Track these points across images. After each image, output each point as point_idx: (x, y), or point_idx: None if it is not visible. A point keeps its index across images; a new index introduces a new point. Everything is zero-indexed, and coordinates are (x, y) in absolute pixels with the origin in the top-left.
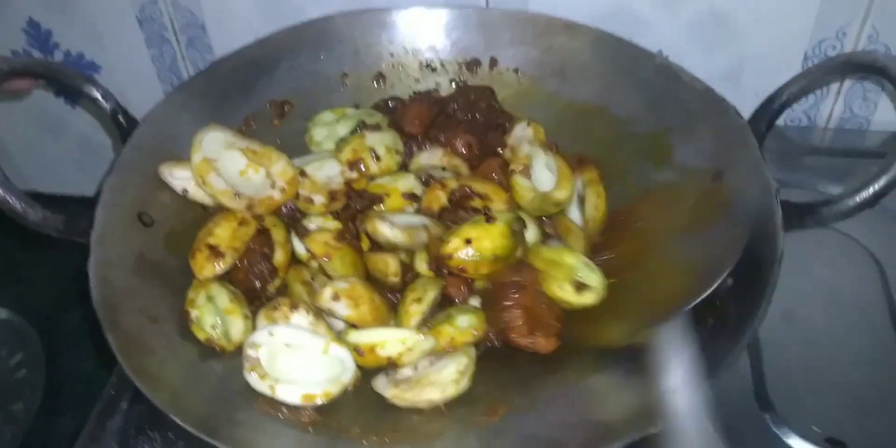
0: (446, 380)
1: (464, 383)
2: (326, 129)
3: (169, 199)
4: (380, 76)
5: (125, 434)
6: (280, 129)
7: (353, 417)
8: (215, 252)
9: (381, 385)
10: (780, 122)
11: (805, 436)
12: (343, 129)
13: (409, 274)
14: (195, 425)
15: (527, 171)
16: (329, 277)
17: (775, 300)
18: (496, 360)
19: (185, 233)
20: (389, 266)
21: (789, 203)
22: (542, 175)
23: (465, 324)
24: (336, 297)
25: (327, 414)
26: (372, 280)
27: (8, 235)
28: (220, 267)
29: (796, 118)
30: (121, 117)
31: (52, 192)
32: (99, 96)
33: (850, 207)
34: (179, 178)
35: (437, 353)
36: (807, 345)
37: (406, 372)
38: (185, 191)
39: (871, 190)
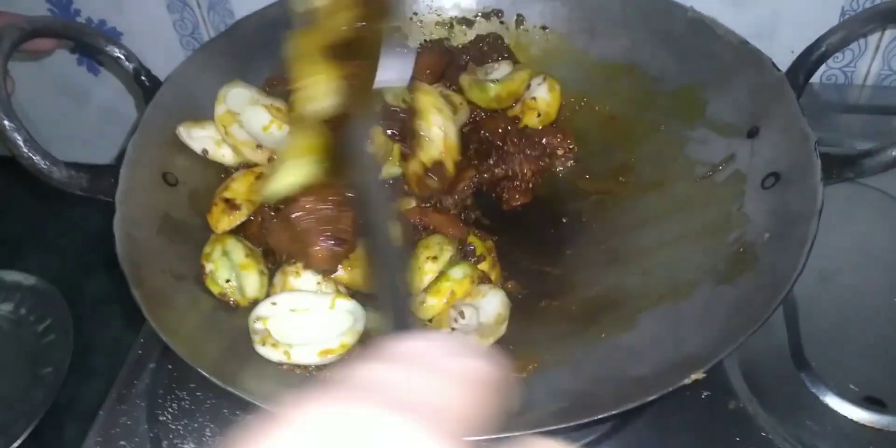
0: (491, 323)
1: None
2: None
3: (193, 159)
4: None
5: (153, 393)
6: None
7: None
8: (231, 205)
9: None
10: (816, 79)
11: (842, 394)
12: None
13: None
14: (213, 373)
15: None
16: None
17: (812, 258)
18: (525, 317)
19: (208, 192)
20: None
21: (829, 155)
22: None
23: (459, 275)
24: None
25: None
26: None
27: (32, 203)
28: (234, 219)
29: (833, 76)
30: (143, 77)
31: (75, 160)
32: (122, 56)
33: (893, 158)
34: (198, 137)
35: (464, 303)
36: (843, 303)
37: (469, 318)
38: (205, 151)
39: None
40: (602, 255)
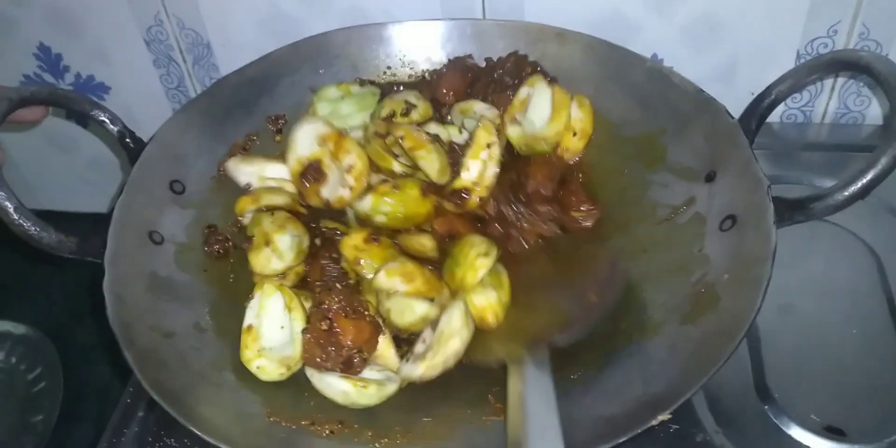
0: (457, 326)
1: (471, 325)
2: (330, 106)
3: (178, 216)
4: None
5: (142, 441)
6: (282, 144)
7: (366, 423)
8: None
9: (410, 369)
10: (776, 119)
11: (804, 425)
12: (347, 108)
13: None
14: (215, 436)
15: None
16: None
17: (774, 293)
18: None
19: (193, 249)
20: (426, 245)
21: (781, 199)
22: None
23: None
24: (390, 276)
25: (344, 422)
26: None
27: (21, 252)
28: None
29: (792, 115)
30: (128, 139)
31: (64, 209)
32: (106, 120)
33: (840, 201)
34: (246, 173)
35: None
36: (805, 336)
37: (420, 346)
38: (249, 185)
39: (859, 184)
40: None
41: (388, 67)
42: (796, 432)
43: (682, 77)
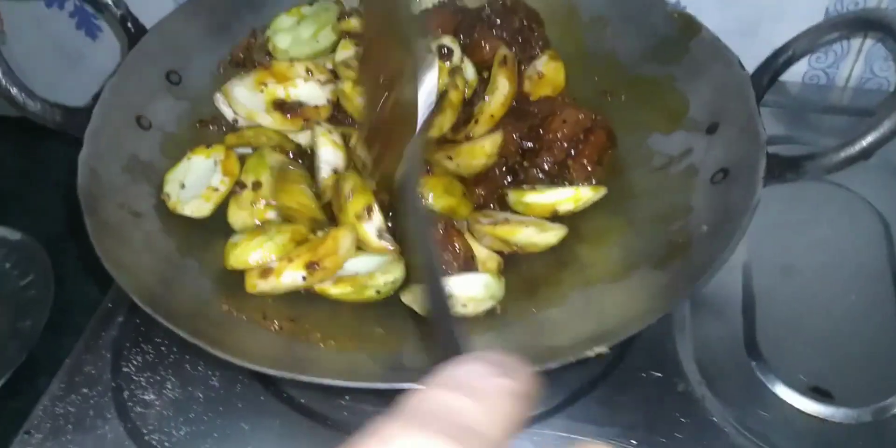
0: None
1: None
2: (289, 35)
3: (170, 106)
4: None
5: (119, 345)
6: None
7: (317, 325)
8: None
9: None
10: (797, 79)
11: (790, 384)
12: (306, 31)
13: None
14: (149, 304)
15: None
16: None
17: (776, 254)
18: None
19: (181, 138)
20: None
21: (776, 156)
22: None
23: None
24: None
25: (296, 320)
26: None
27: (21, 162)
28: None
29: (815, 76)
30: (130, 24)
31: None
32: (110, 1)
33: (834, 163)
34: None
35: None
36: (802, 298)
37: None
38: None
39: (857, 146)
40: None
41: None
42: (781, 390)
43: (701, 24)
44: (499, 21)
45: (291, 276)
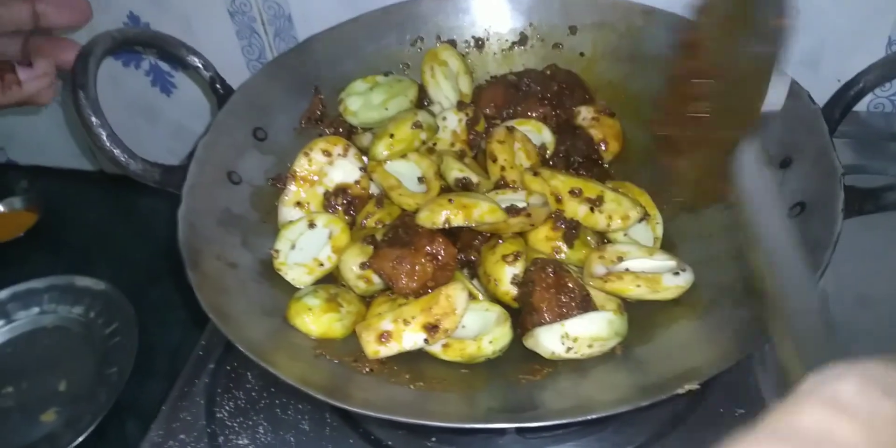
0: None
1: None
2: (361, 99)
3: (258, 161)
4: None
5: (212, 392)
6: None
7: (405, 366)
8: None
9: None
10: (862, 108)
11: None
12: (377, 97)
13: None
14: (262, 358)
15: None
16: None
17: (850, 283)
18: None
19: (267, 192)
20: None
21: (854, 188)
22: None
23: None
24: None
25: (385, 362)
26: None
27: (105, 214)
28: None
29: (880, 104)
30: (218, 85)
31: None
32: (201, 65)
33: None
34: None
35: None
36: (879, 329)
37: None
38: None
39: None
40: None
41: (473, 36)
42: None
43: None
44: (539, 88)
45: (412, 339)
